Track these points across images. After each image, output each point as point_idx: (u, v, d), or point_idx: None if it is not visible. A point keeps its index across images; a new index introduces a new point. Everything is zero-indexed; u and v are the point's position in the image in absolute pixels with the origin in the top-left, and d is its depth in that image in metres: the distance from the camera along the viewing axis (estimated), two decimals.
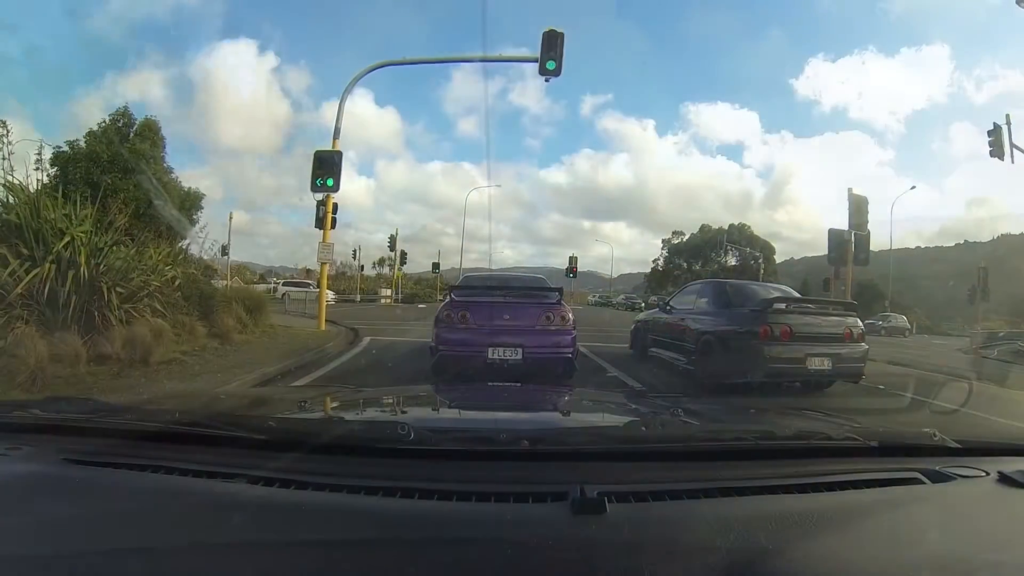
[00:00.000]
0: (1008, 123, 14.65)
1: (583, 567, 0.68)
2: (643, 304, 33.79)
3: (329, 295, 33.55)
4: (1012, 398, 7.22)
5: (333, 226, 11.88)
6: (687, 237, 66.52)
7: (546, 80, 10.65)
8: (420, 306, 29.74)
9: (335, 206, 11.95)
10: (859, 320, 6.34)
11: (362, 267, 42.39)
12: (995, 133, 14.71)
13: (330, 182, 10.99)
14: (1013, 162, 14.06)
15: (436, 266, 44.06)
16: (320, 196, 11.50)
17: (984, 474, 1.02)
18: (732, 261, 62.09)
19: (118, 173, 11.95)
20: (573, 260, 34.94)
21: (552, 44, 10.56)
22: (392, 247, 36.91)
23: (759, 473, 0.96)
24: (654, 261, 69.00)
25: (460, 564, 0.69)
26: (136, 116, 13.86)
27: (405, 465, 0.92)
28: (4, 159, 6.54)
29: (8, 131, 6.78)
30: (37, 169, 8.31)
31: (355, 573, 0.67)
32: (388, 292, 37.71)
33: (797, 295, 7.37)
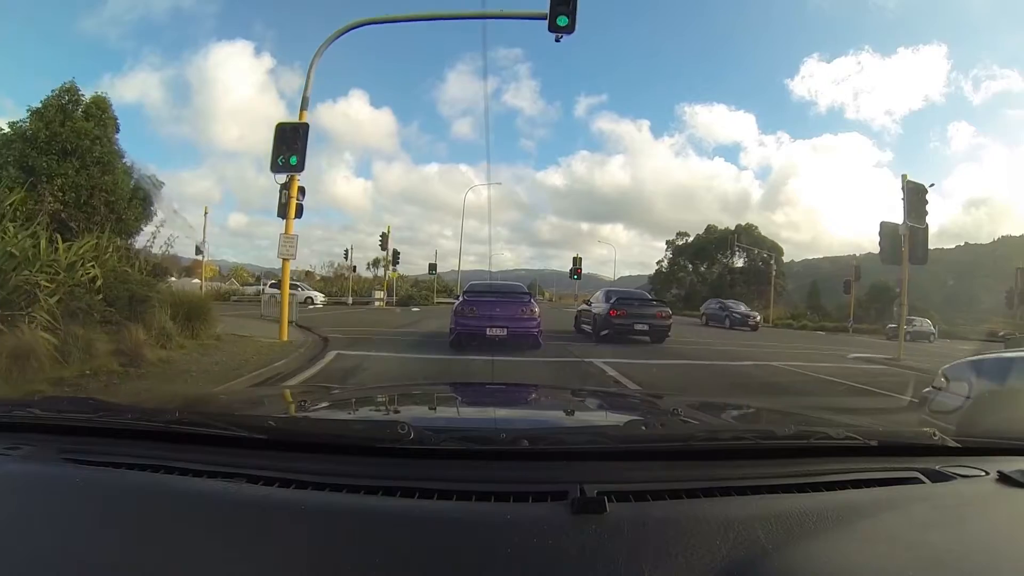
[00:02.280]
0: None
1: (583, 567, 0.67)
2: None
3: (318, 298, 32.01)
4: None
5: (299, 215, 9.93)
6: (692, 238, 64.76)
7: (557, 40, 8.95)
8: (414, 309, 27.88)
9: (302, 190, 9.98)
10: (668, 309, 13.35)
11: (354, 267, 39.64)
12: None
13: (293, 160, 9.11)
14: None
15: (433, 267, 41.61)
16: (283, 178, 9.51)
17: (984, 474, 1.01)
18: (739, 262, 60.52)
19: (55, 155, 10.33)
20: (577, 261, 33.35)
21: None
22: (384, 245, 33.43)
23: (759, 473, 0.94)
24: (658, 263, 66.82)
25: (460, 564, 0.68)
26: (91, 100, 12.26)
27: (405, 465, 0.91)
28: None
29: None
30: None
31: (355, 573, 0.66)
32: (382, 294, 36.00)
33: (646, 295, 15.35)
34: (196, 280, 44.81)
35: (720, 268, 60.64)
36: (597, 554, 0.68)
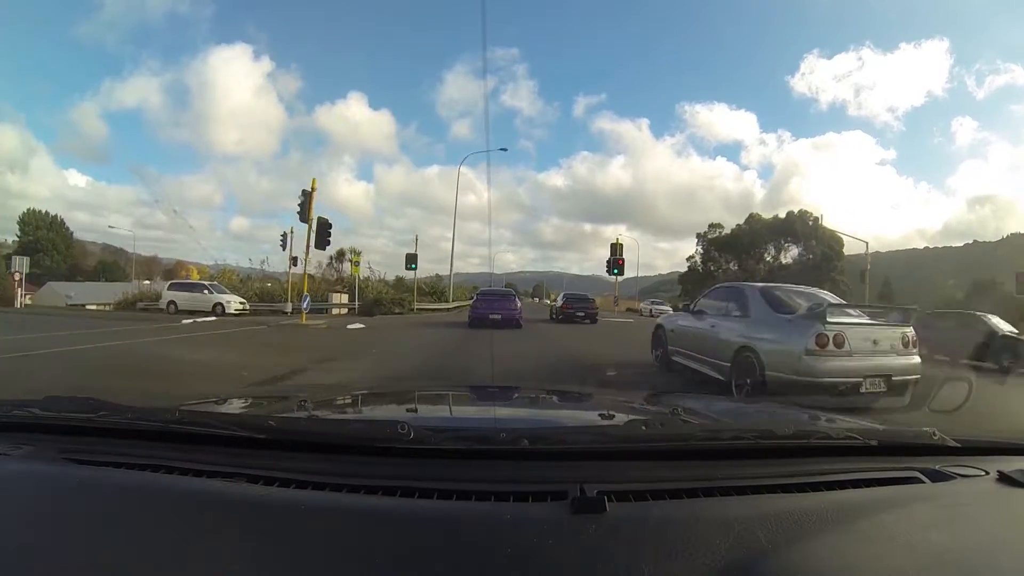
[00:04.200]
0: None
1: (583, 566, 0.67)
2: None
3: (232, 304, 21.89)
4: None
5: None
6: (727, 231, 54.94)
7: None
8: (350, 327, 15.82)
9: None
10: (596, 303, 24.04)
11: (295, 260, 23.65)
12: None
13: None
14: None
15: (412, 258, 29.60)
16: None
17: (984, 473, 1.01)
18: (787, 259, 50.76)
19: None
20: (618, 249, 24.15)
21: None
22: (304, 215, 16.23)
23: (759, 472, 0.95)
24: (689, 259, 57.23)
25: (460, 563, 0.68)
26: None
27: (405, 465, 0.91)
28: None
29: None
30: None
31: (355, 573, 0.66)
32: (341, 299, 26.23)
33: (586, 296, 24.41)
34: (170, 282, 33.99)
35: (765, 265, 50.84)
36: (597, 554, 0.68)
